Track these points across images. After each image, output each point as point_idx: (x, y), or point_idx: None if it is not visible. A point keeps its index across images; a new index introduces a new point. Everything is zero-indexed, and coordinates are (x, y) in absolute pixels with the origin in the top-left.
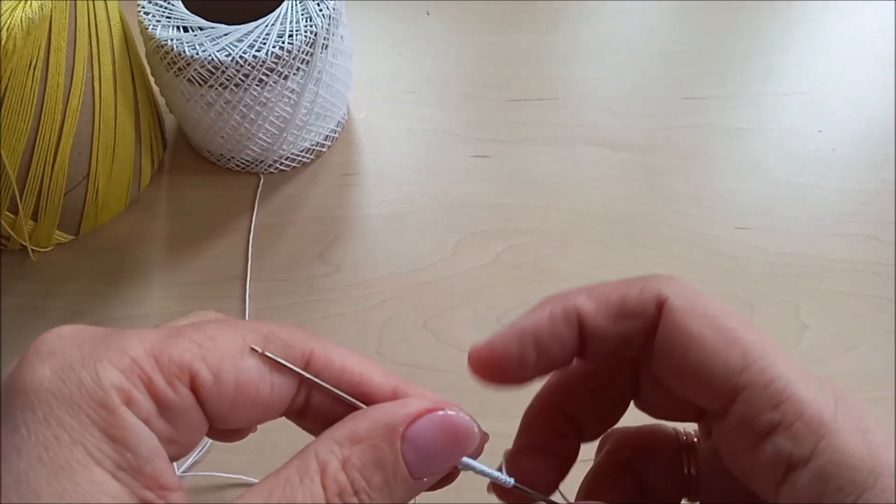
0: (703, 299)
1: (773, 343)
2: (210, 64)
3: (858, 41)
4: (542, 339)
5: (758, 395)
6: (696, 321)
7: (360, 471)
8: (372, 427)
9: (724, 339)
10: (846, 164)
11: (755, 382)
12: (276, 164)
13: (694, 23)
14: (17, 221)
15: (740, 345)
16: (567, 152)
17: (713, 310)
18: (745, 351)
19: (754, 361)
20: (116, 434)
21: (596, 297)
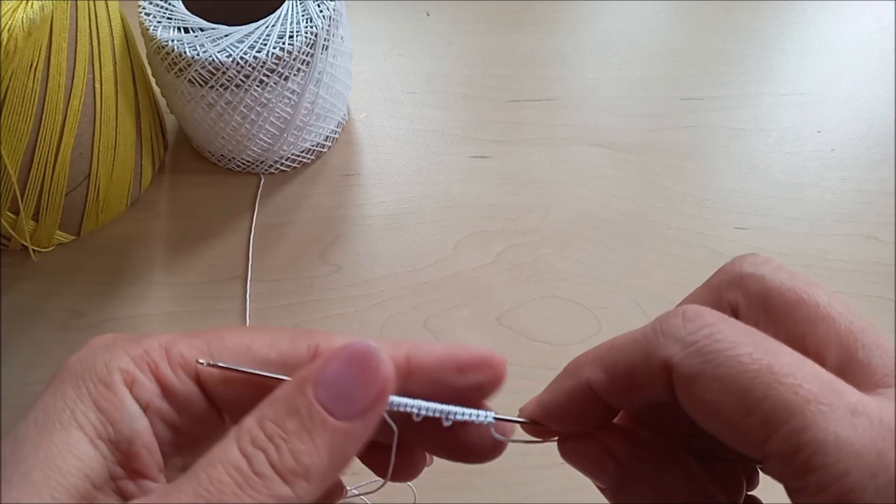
0: (719, 353)
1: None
2: (211, 65)
3: (857, 42)
4: (568, 415)
5: (785, 465)
6: (709, 388)
7: (273, 420)
8: (289, 386)
9: (741, 407)
10: (845, 165)
11: (779, 453)
12: (276, 165)
13: (693, 23)
14: (18, 221)
15: (760, 411)
16: (566, 153)
17: (730, 364)
18: (765, 418)
19: (776, 429)
20: (105, 406)
21: (606, 369)
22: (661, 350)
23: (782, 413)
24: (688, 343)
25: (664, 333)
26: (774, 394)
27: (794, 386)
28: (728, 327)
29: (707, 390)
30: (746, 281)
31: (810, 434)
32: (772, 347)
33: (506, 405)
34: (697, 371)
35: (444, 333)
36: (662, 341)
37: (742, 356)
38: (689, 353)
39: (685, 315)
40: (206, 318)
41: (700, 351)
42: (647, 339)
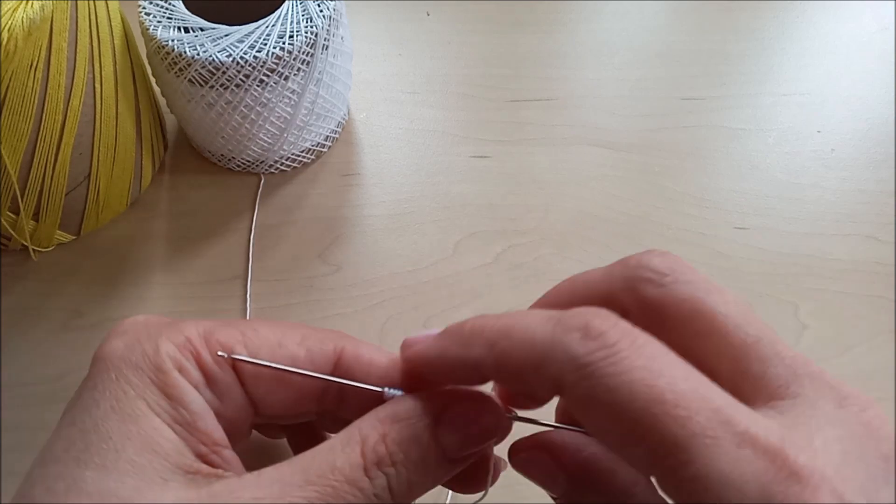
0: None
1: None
2: (211, 65)
3: (857, 41)
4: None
5: (669, 494)
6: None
7: (398, 444)
8: (411, 408)
9: (628, 435)
10: (845, 164)
11: (664, 483)
12: (276, 165)
13: (693, 23)
14: (18, 221)
15: (648, 441)
16: (566, 153)
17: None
18: (652, 449)
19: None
20: (171, 392)
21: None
22: (554, 365)
23: (667, 446)
24: (582, 364)
25: (561, 349)
26: (661, 426)
27: (682, 419)
28: (628, 345)
29: (597, 414)
30: (643, 286)
31: (693, 469)
32: (669, 370)
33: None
34: (588, 394)
35: None
36: (557, 356)
37: (634, 383)
38: (582, 375)
39: (587, 329)
40: (206, 317)
41: (593, 374)
42: (542, 347)
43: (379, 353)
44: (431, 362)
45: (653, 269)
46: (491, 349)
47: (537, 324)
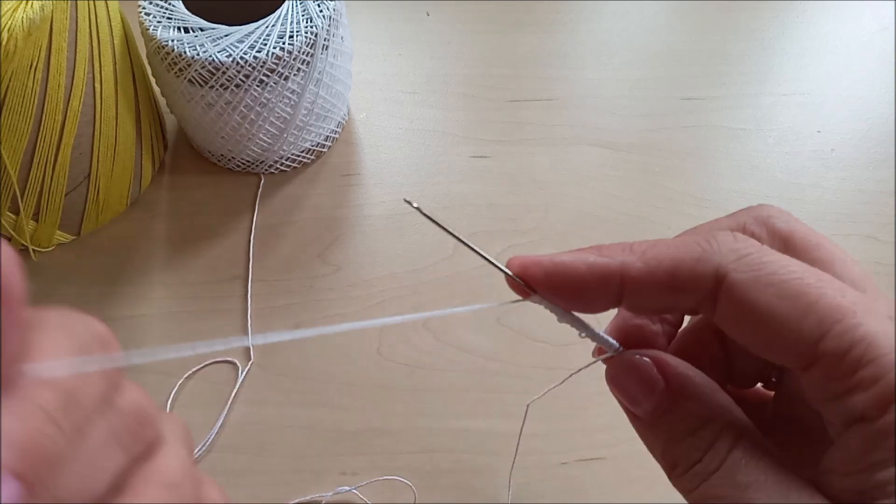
0: (773, 261)
1: (863, 300)
2: (210, 65)
3: (857, 42)
4: (575, 287)
5: (837, 362)
6: (763, 292)
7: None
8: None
9: (795, 309)
10: (845, 164)
11: (834, 350)
12: (276, 165)
13: (693, 23)
14: (18, 222)
15: (817, 311)
16: (566, 153)
17: (785, 271)
18: (821, 318)
19: (831, 328)
20: None
21: (645, 260)
22: (716, 256)
23: (835, 312)
24: (742, 254)
25: (719, 243)
26: (826, 296)
27: (842, 290)
28: (773, 250)
29: (762, 294)
30: (773, 220)
31: (863, 329)
32: (811, 267)
33: (508, 405)
34: (753, 278)
35: (444, 333)
36: (717, 249)
37: (792, 266)
38: (745, 263)
39: (736, 236)
40: (206, 317)
41: (754, 261)
42: (700, 245)
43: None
44: (564, 266)
45: (779, 210)
46: (641, 254)
47: (682, 239)
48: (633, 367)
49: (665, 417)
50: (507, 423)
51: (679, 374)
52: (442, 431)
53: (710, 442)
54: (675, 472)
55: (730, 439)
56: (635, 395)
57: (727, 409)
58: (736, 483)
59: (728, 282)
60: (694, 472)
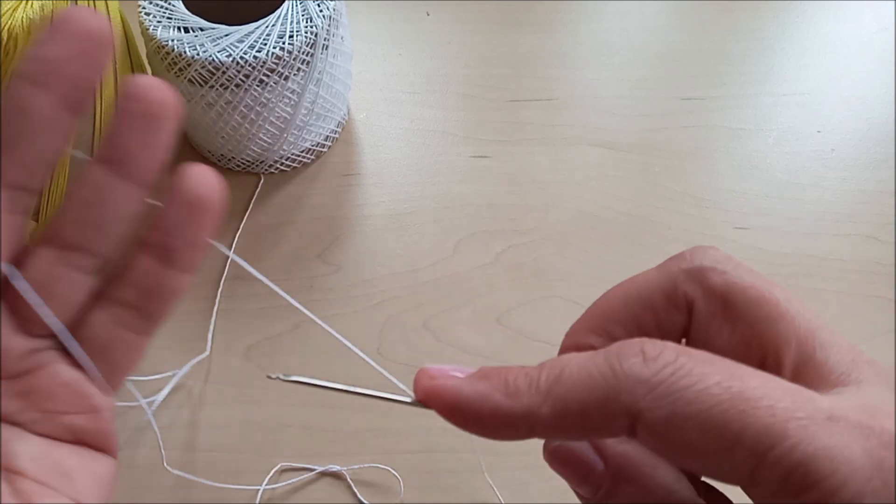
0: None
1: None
2: (210, 65)
3: (857, 41)
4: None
5: (777, 489)
6: (685, 430)
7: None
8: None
9: (721, 443)
10: (845, 164)
11: (770, 479)
12: (276, 165)
13: (693, 23)
14: None
15: (743, 443)
16: (566, 153)
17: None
18: (751, 449)
19: (765, 455)
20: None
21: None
22: (624, 394)
23: (766, 438)
24: (653, 385)
25: (626, 375)
26: (753, 420)
27: (770, 408)
28: (689, 360)
29: (683, 432)
30: (707, 274)
31: (799, 452)
32: (736, 372)
33: None
34: (669, 413)
35: (444, 333)
36: (624, 384)
37: (711, 388)
38: (657, 395)
39: (645, 354)
40: (206, 317)
41: (668, 391)
42: (605, 380)
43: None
44: (465, 405)
45: (713, 259)
46: (546, 396)
47: (586, 362)
48: (567, 450)
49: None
50: None
51: (617, 456)
52: (441, 431)
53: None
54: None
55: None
56: (575, 478)
57: (668, 489)
58: None
59: (643, 422)
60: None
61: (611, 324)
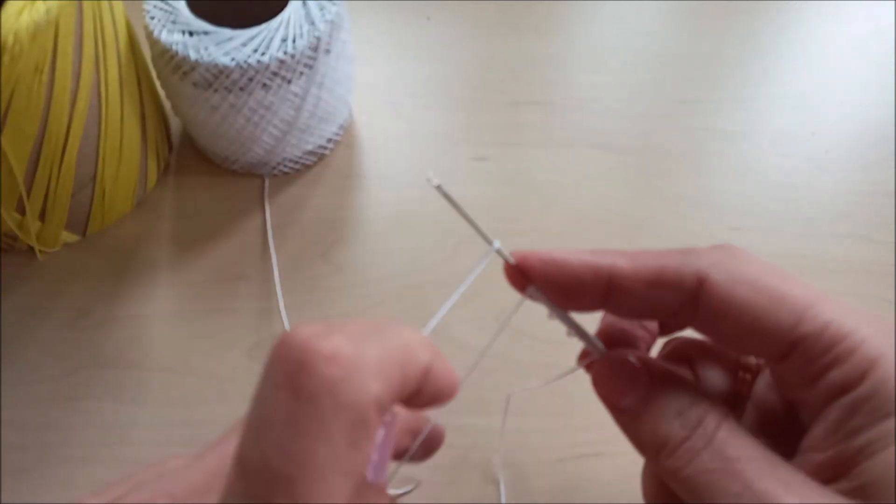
0: (745, 266)
1: (822, 293)
2: (215, 68)
3: (852, 44)
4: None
5: (814, 343)
6: (741, 289)
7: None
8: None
9: (771, 300)
10: (840, 166)
11: (810, 332)
12: (279, 167)
13: (689, 27)
14: (24, 222)
15: (789, 301)
16: (564, 155)
17: (756, 273)
18: (794, 306)
19: (805, 312)
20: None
21: (634, 260)
22: (696, 262)
23: (805, 301)
24: (719, 260)
25: (697, 255)
26: (795, 290)
27: (805, 287)
28: (750, 256)
29: (739, 291)
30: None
31: (829, 312)
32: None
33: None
34: (730, 277)
35: (444, 332)
36: (696, 257)
37: (763, 267)
38: (722, 267)
39: (714, 246)
40: (210, 316)
41: (730, 265)
42: (681, 253)
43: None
44: (558, 259)
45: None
46: (629, 257)
47: (666, 251)
48: (619, 363)
49: (651, 403)
50: (507, 419)
51: (662, 369)
52: None
53: (698, 420)
54: (664, 453)
55: (716, 418)
56: (621, 389)
57: (709, 396)
58: (726, 457)
59: (708, 283)
60: (684, 450)
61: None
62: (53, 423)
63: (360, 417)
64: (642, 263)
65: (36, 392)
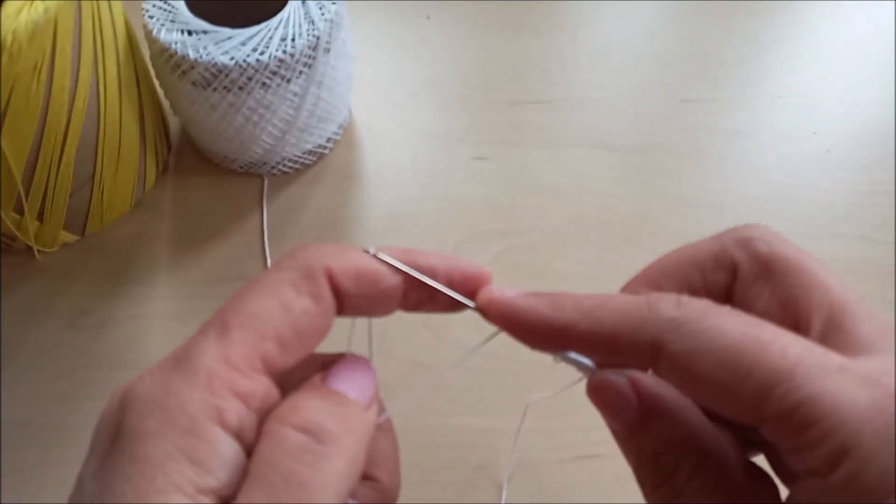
0: (709, 330)
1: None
2: (214, 67)
3: (852, 43)
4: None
5: (781, 424)
6: (701, 363)
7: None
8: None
9: (733, 377)
10: (841, 166)
11: (776, 415)
12: (278, 166)
13: (690, 26)
14: (22, 222)
15: (753, 378)
16: (565, 154)
17: (720, 339)
18: (759, 384)
19: (774, 389)
20: (198, 457)
21: (591, 322)
22: (653, 326)
23: (774, 376)
24: (680, 323)
25: (658, 313)
26: (764, 359)
27: (782, 351)
28: (716, 309)
29: (700, 364)
30: (755, 243)
31: (804, 391)
32: (757, 322)
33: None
34: (690, 347)
35: (444, 332)
36: (655, 318)
37: (731, 330)
38: (682, 332)
39: (679, 301)
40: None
41: (691, 328)
42: (640, 313)
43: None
44: (514, 315)
45: (762, 232)
46: (586, 314)
47: (628, 299)
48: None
49: (634, 437)
50: (507, 420)
51: (651, 395)
52: (442, 428)
53: (671, 468)
54: (644, 491)
55: (690, 468)
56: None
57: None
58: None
59: (666, 353)
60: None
61: (662, 279)
62: (53, 423)
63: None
64: (597, 325)
65: (35, 392)
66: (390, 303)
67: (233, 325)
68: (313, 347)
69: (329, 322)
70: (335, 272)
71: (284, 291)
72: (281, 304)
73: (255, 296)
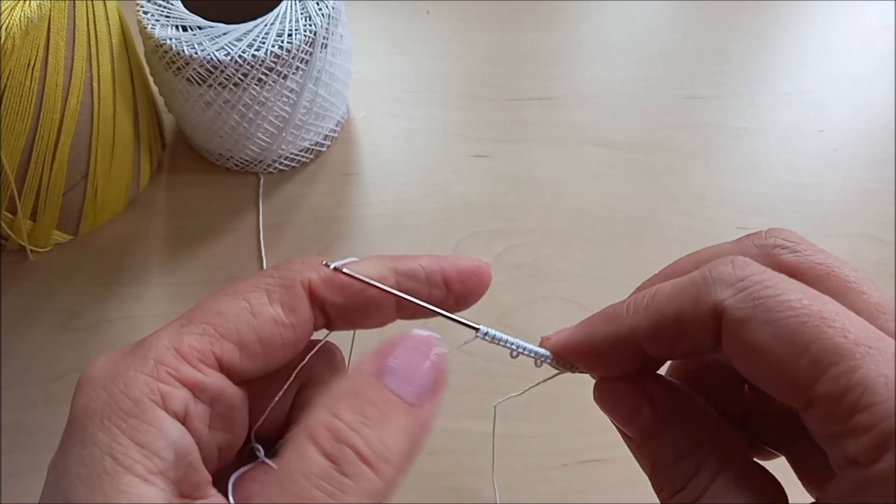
0: (770, 298)
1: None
2: (209, 63)
3: (859, 40)
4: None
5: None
6: (759, 332)
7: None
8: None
9: (789, 350)
10: (847, 164)
11: (827, 395)
12: (275, 164)
13: (695, 22)
14: (15, 221)
15: (810, 353)
16: (567, 152)
17: (780, 309)
18: (815, 360)
19: (826, 371)
20: (143, 440)
21: (651, 316)
22: (712, 295)
23: (832, 355)
24: (739, 288)
25: (715, 280)
26: (824, 336)
27: (843, 330)
28: (777, 276)
29: (757, 333)
30: (779, 252)
31: (860, 374)
32: (820, 296)
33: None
34: (748, 315)
35: (444, 334)
36: (713, 287)
37: (792, 301)
38: (741, 298)
39: (734, 263)
40: None
41: (751, 295)
42: (696, 286)
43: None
44: (577, 347)
45: (786, 239)
46: (644, 310)
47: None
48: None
49: (650, 442)
50: (509, 425)
51: (665, 399)
52: (442, 433)
53: (693, 470)
54: (661, 497)
55: (712, 469)
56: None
57: (715, 434)
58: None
59: (726, 318)
60: (678, 500)
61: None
62: (47, 427)
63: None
64: (658, 316)
65: (29, 395)
66: (384, 312)
67: (195, 320)
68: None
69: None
70: (316, 285)
71: (256, 297)
72: (249, 308)
73: (227, 297)
